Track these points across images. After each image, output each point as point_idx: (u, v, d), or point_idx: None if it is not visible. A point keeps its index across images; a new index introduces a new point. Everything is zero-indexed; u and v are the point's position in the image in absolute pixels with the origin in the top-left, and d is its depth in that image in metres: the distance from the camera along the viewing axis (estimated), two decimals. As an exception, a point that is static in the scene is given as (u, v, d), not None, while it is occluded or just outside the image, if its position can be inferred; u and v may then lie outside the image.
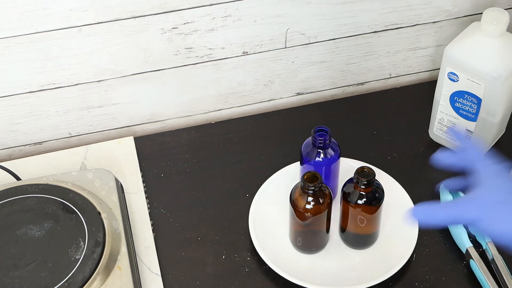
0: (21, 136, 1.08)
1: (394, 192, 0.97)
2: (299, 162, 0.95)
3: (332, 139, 0.91)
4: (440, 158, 0.81)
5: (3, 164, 1.01)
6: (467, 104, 0.97)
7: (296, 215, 0.87)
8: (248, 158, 1.06)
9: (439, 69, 1.00)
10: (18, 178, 0.98)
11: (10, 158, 1.10)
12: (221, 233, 0.96)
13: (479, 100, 0.96)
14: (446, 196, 0.93)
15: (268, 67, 1.11)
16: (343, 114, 1.13)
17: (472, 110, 0.97)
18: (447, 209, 0.75)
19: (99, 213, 0.89)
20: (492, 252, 0.88)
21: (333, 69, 1.15)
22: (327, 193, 0.86)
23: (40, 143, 1.10)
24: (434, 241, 0.93)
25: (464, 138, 0.85)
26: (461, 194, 0.93)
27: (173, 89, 1.09)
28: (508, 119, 1.04)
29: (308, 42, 1.09)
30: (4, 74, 0.99)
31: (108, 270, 0.85)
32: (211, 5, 0.99)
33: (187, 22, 1.00)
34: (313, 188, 0.84)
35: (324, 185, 0.86)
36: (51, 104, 1.05)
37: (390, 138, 1.08)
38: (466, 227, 0.92)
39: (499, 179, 0.75)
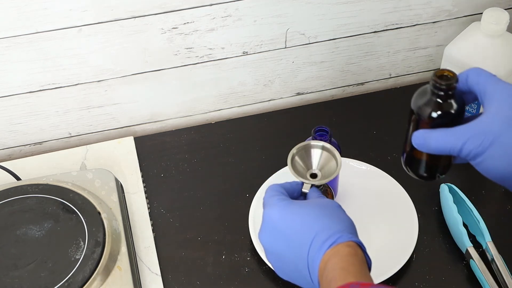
0: (21, 136, 1.08)
1: (394, 192, 0.97)
2: (299, 162, 0.95)
3: (332, 139, 0.91)
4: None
5: (3, 164, 1.01)
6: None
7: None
8: (248, 158, 1.06)
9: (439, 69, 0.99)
10: (18, 178, 0.98)
11: (10, 158, 1.10)
12: (221, 233, 0.96)
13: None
14: (446, 196, 0.93)
15: (268, 67, 1.11)
16: (343, 114, 1.13)
17: (472, 110, 0.97)
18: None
19: (99, 213, 0.89)
20: (492, 252, 0.88)
21: (333, 69, 1.14)
22: (329, 192, 0.86)
23: (40, 143, 1.10)
24: (434, 241, 0.93)
25: None
26: (462, 194, 0.93)
27: (173, 89, 1.09)
28: (508, 119, 1.04)
29: (308, 42, 1.09)
30: (4, 74, 0.99)
31: (108, 270, 0.85)
32: (211, 5, 0.99)
33: (187, 22, 1.00)
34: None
35: (325, 184, 0.86)
36: (51, 104, 1.05)
37: (390, 138, 1.08)
38: (466, 227, 0.92)
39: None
